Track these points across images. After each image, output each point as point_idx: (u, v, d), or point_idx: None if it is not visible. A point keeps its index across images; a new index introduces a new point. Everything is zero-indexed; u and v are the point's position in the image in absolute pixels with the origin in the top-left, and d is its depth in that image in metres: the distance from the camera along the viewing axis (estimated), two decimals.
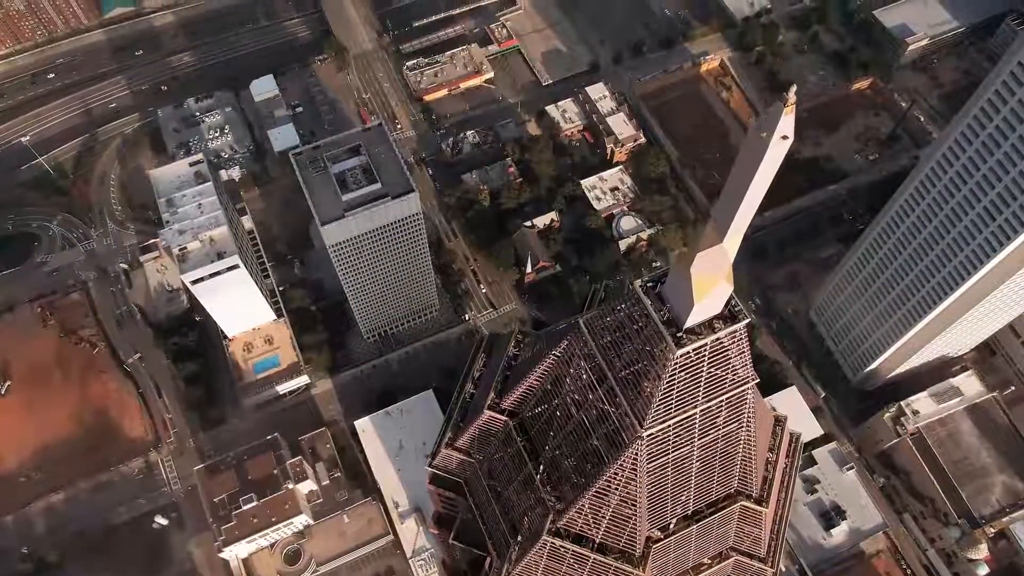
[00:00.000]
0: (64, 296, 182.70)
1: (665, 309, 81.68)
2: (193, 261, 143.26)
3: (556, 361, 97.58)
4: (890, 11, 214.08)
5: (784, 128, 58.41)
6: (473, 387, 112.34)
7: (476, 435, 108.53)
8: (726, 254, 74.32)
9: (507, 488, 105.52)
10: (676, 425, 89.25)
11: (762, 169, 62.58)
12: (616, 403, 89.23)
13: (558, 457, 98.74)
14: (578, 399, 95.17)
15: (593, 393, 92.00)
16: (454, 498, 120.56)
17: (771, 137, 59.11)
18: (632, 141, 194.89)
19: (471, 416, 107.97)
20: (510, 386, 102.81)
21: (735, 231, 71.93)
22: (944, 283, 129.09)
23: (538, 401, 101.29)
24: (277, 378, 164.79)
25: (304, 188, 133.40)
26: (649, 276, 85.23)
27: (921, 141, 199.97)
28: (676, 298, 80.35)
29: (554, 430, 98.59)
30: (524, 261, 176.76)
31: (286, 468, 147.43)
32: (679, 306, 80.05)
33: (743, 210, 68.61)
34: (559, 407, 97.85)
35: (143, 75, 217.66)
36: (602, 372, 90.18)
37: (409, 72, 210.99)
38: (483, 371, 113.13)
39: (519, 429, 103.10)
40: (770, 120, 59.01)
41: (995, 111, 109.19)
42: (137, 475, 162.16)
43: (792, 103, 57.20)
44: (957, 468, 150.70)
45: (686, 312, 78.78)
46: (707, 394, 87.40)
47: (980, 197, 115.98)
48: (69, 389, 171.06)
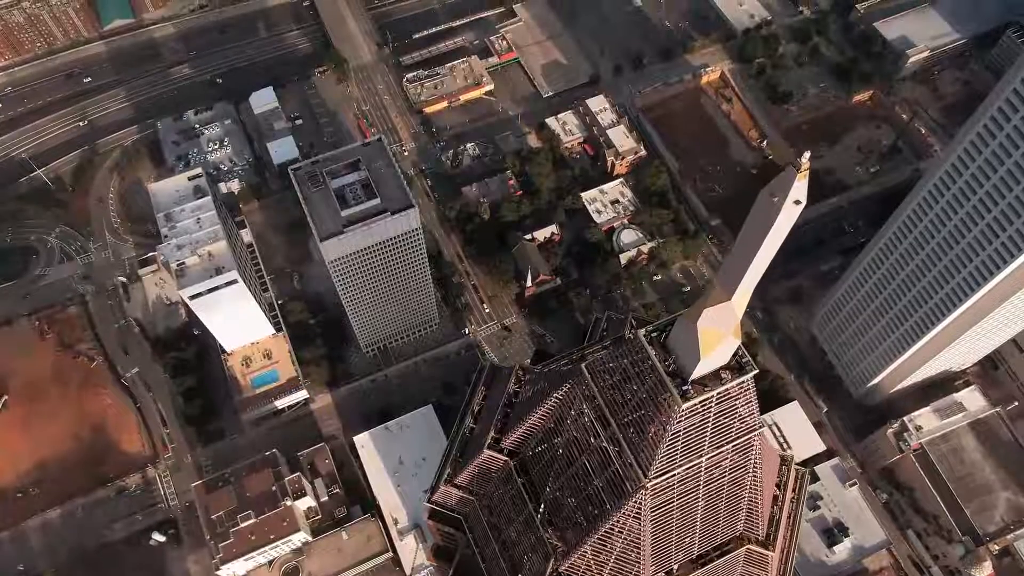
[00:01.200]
0: (62, 310, 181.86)
1: (670, 360, 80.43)
2: (191, 276, 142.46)
3: (558, 403, 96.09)
4: (890, 23, 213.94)
5: (797, 193, 57.63)
6: (473, 421, 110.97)
7: (476, 473, 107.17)
8: (734, 312, 73.52)
9: (507, 527, 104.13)
10: (681, 474, 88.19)
11: (773, 233, 61.83)
12: (619, 450, 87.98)
13: (560, 498, 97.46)
14: (581, 443, 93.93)
15: (596, 438, 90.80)
16: (453, 533, 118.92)
17: (783, 202, 58.17)
18: (633, 154, 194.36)
19: (471, 453, 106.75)
20: (511, 425, 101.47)
21: (744, 291, 71.14)
22: (947, 299, 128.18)
23: (539, 441, 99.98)
24: (276, 393, 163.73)
25: (303, 204, 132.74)
26: (653, 325, 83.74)
27: (922, 153, 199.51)
28: (682, 350, 79.32)
29: (555, 471, 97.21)
30: (524, 274, 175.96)
31: (284, 485, 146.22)
32: (685, 358, 78.99)
33: (752, 271, 67.92)
34: (561, 449, 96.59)
35: (142, 87, 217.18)
36: (605, 417, 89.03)
37: (409, 84, 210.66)
38: (483, 404, 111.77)
39: (520, 468, 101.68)
40: (782, 185, 58.19)
41: (999, 128, 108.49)
42: (134, 491, 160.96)
43: (806, 169, 56.33)
44: (961, 484, 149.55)
45: (692, 364, 77.77)
46: (713, 443, 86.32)
47: (983, 214, 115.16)
48: (66, 404, 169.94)
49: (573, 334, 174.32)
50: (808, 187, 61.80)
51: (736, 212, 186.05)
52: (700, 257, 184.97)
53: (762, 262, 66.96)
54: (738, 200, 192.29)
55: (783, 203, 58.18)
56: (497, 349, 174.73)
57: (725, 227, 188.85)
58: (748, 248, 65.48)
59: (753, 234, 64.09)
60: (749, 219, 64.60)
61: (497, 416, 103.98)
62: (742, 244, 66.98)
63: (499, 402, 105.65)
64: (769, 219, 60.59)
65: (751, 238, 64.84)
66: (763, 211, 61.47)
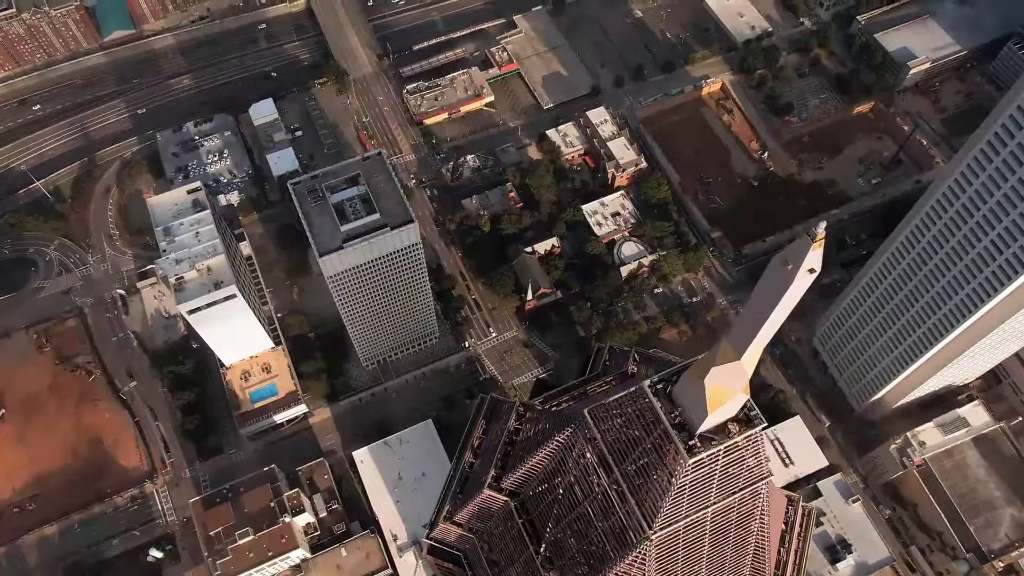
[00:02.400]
0: (60, 322, 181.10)
1: (676, 412, 79.31)
2: (190, 291, 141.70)
3: (560, 447, 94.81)
4: (891, 34, 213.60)
5: (811, 262, 57.04)
6: (472, 456, 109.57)
7: (476, 512, 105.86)
8: (744, 371, 72.84)
9: (509, 567, 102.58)
10: (687, 524, 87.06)
11: (785, 299, 61.08)
12: (623, 498, 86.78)
13: (561, 540, 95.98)
14: (583, 487, 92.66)
15: (599, 484, 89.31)
16: (453, 569, 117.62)
17: (797, 270, 57.44)
18: (633, 166, 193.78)
19: (471, 491, 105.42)
20: (511, 465, 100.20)
21: (754, 351, 70.38)
22: (951, 315, 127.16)
23: (540, 482, 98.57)
24: (274, 407, 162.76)
25: (302, 218, 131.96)
26: (659, 375, 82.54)
27: (924, 165, 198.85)
28: (688, 404, 78.38)
29: (557, 514, 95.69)
30: (525, 287, 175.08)
31: (283, 501, 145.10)
32: (691, 412, 78.04)
33: (763, 334, 67.26)
34: (563, 491, 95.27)
35: (142, 98, 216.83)
36: (608, 464, 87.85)
37: (409, 95, 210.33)
38: (483, 439, 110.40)
39: (520, 508, 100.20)
40: (796, 253, 57.53)
41: (1002, 145, 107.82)
42: (132, 506, 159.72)
43: (821, 239, 55.65)
44: (964, 501, 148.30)
45: (699, 419, 76.87)
46: (720, 493, 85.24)
47: (987, 231, 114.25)
48: (64, 418, 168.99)
49: (574, 348, 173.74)
50: (809, 199, 61.22)
51: (737, 224, 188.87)
52: (701, 270, 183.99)
53: (773, 326, 66.52)
54: (739, 212, 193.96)
55: (797, 271, 57.47)
56: (497, 363, 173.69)
57: (726, 239, 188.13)
58: (759, 312, 64.91)
59: (765, 299, 63.50)
60: (761, 283, 64.14)
61: (497, 455, 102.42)
62: (753, 307, 66.42)
63: (499, 439, 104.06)
64: (782, 286, 59.98)
65: (763, 302, 64.17)
66: (776, 278, 60.81)
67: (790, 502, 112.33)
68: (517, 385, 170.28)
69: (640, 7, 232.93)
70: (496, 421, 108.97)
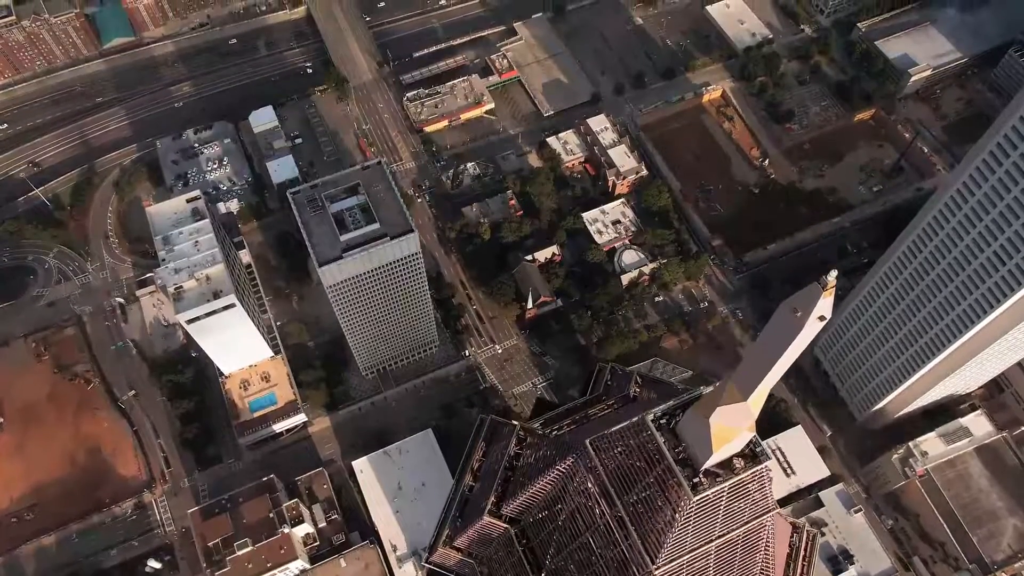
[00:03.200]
0: (59, 331, 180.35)
1: (680, 447, 78.54)
2: (189, 300, 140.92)
3: (561, 476, 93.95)
4: (892, 42, 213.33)
5: (821, 310, 56.68)
6: (472, 479, 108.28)
7: (475, 537, 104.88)
8: (751, 411, 72.40)
9: None
10: (690, 558, 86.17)
11: (794, 346, 60.71)
12: (625, 532, 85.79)
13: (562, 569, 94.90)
14: (585, 518, 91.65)
15: (601, 517, 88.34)
16: None
17: (807, 317, 57.03)
18: (634, 173, 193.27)
19: (470, 516, 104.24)
20: (512, 491, 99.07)
21: (760, 393, 69.99)
22: (955, 325, 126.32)
23: (541, 509, 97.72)
24: (274, 416, 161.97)
25: (302, 228, 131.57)
26: (662, 410, 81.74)
27: (925, 172, 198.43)
28: (693, 440, 77.79)
29: (558, 542, 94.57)
30: (525, 296, 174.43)
31: (282, 511, 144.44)
32: (696, 448, 77.46)
33: (770, 377, 66.95)
34: (564, 521, 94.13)
35: (141, 106, 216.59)
36: (610, 495, 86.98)
37: (409, 103, 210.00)
38: (482, 461, 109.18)
39: (520, 534, 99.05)
40: (806, 301, 57.16)
41: (1004, 156, 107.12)
42: (130, 516, 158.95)
43: (831, 287, 55.23)
44: (967, 511, 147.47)
45: (704, 457, 76.27)
46: (725, 527, 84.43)
47: (991, 241, 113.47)
48: (62, 427, 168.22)
49: (575, 356, 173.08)
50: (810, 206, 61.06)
51: (738, 232, 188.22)
52: (702, 278, 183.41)
53: (781, 369, 66.19)
54: (740, 220, 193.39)
55: (806, 319, 57.07)
56: (498, 371, 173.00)
57: (727, 247, 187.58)
58: (767, 356, 64.60)
59: (773, 343, 63.20)
60: (769, 327, 63.79)
61: (498, 480, 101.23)
62: (760, 351, 66.11)
63: (500, 463, 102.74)
64: (790, 333, 59.72)
65: (770, 347, 63.84)
66: (785, 323, 60.52)
67: (795, 528, 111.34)
68: (517, 394, 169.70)
69: (640, 14, 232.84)
70: (496, 443, 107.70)
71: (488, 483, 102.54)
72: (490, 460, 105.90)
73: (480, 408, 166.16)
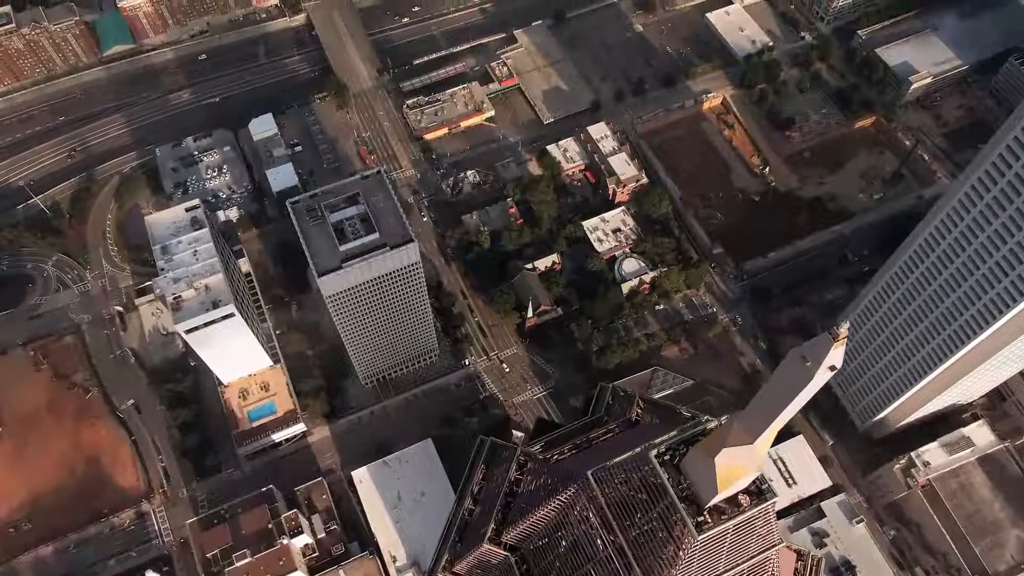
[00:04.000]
0: (57, 339, 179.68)
1: (685, 484, 77.57)
2: (187, 310, 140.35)
3: (562, 505, 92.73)
4: (892, 49, 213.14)
5: (833, 360, 56.44)
6: (472, 502, 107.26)
7: (475, 563, 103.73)
8: (759, 454, 71.88)
9: None
10: None
11: (803, 394, 60.47)
12: (628, 567, 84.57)
13: None
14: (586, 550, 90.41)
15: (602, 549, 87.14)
16: None
17: (817, 367, 56.83)
18: (634, 181, 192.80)
19: (470, 541, 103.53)
20: (512, 518, 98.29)
21: (767, 437, 69.55)
22: (958, 334, 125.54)
23: (541, 537, 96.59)
24: (273, 426, 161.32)
25: (301, 238, 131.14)
26: (666, 444, 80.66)
27: (926, 180, 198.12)
28: (697, 478, 76.94)
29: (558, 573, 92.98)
30: (525, 304, 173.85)
31: (281, 522, 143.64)
32: (700, 487, 76.59)
33: (778, 422, 66.60)
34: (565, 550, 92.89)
35: (141, 113, 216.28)
36: (612, 528, 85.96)
37: (409, 110, 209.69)
38: (483, 485, 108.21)
39: (520, 561, 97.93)
40: (816, 351, 56.92)
41: (1007, 167, 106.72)
42: (128, 527, 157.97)
43: (843, 338, 55.02)
44: (970, 522, 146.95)
45: (709, 495, 75.51)
46: (729, 563, 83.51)
47: (993, 252, 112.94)
48: (60, 436, 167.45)
49: (574, 365, 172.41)
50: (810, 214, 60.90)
51: (739, 240, 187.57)
52: (703, 286, 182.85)
53: (788, 414, 65.82)
54: (740, 228, 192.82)
55: (816, 369, 56.87)
56: (498, 380, 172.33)
57: (727, 255, 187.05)
58: (776, 402, 64.32)
59: (782, 390, 63.11)
60: (778, 374, 63.70)
61: (498, 506, 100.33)
62: (769, 396, 65.92)
63: (500, 488, 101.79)
64: (800, 381, 59.67)
65: (779, 393, 63.69)
66: (794, 372, 60.42)
67: (799, 557, 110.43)
68: (518, 403, 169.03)
69: (640, 21, 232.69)
70: (496, 467, 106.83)
71: (488, 508, 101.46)
72: (490, 484, 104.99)
73: (480, 418, 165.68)
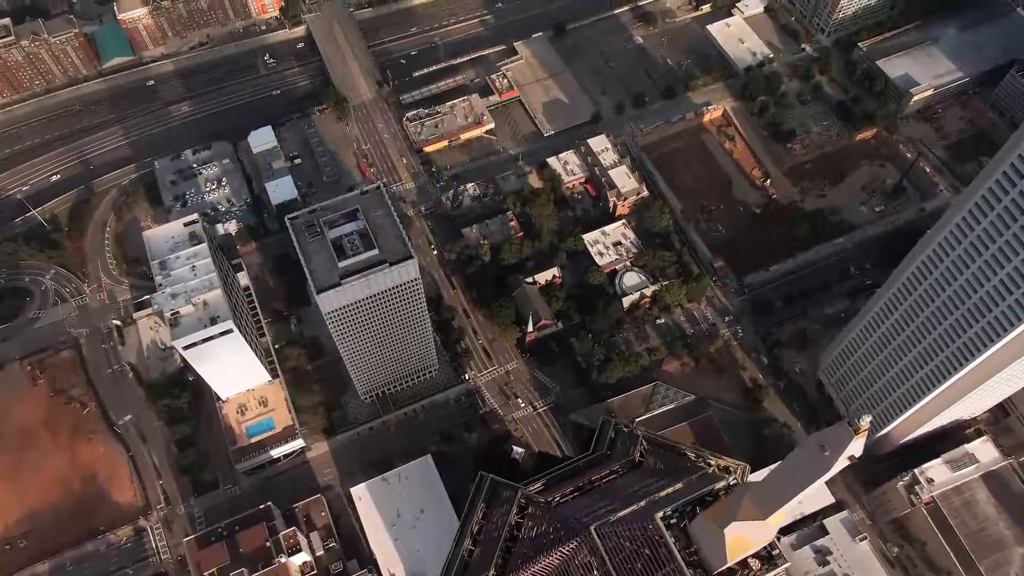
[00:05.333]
0: (55, 354, 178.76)
1: (692, 549, 76.01)
2: (185, 326, 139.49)
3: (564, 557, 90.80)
4: (893, 61, 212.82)
5: (853, 450, 55.75)
6: (471, 542, 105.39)
7: None
8: (770, 529, 70.85)
9: None
10: None
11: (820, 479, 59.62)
12: None
13: None
14: None
15: None
16: None
17: (836, 457, 56.15)
18: (635, 194, 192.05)
19: None
20: (513, 565, 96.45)
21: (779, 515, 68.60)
22: (963, 351, 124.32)
23: None
24: (271, 442, 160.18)
25: (300, 254, 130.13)
26: (672, 507, 78.71)
27: (927, 193, 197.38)
28: (706, 546, 75.41)
29: None
30: (525, 319, 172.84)
31: (279, 540, 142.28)
32: (709, 553, 74.98)
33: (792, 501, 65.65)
34: None
35: (140, 125, 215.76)
36: None
37: (409, 123, 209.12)
38: (483, 525, 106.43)
39: None
40: (835, 441, 56.21)
41: (1011, 185, 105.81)
42: (125, 543, 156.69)
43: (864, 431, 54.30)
44: (974, 540, 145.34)
45: (717, 564, 74.13)
46: None
47: (997, 269, 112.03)
48: (57, 452, 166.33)
49: (575, 380, 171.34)
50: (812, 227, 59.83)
51: (740, 253, 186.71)
52: (704, 300, 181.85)
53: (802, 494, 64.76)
54: (741, 240, 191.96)
55: (836, 459, 56.19)
56: (498, 395, 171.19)
57: (729, 268, 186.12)
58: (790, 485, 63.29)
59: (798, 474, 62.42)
60: (794, 457, 63.09)
61: (498, 551, 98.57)
62: (783, 478, 65.22)
63: (500, 531, 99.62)
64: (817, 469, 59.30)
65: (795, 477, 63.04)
66: (811, 459, 59.67)
67: None
68: (518, 418, 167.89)
69: (641, 33, 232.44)
70: (496, 507, 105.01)
71: (488, 552, 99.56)
72: (490, 524, 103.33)
73: (480, 433, 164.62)
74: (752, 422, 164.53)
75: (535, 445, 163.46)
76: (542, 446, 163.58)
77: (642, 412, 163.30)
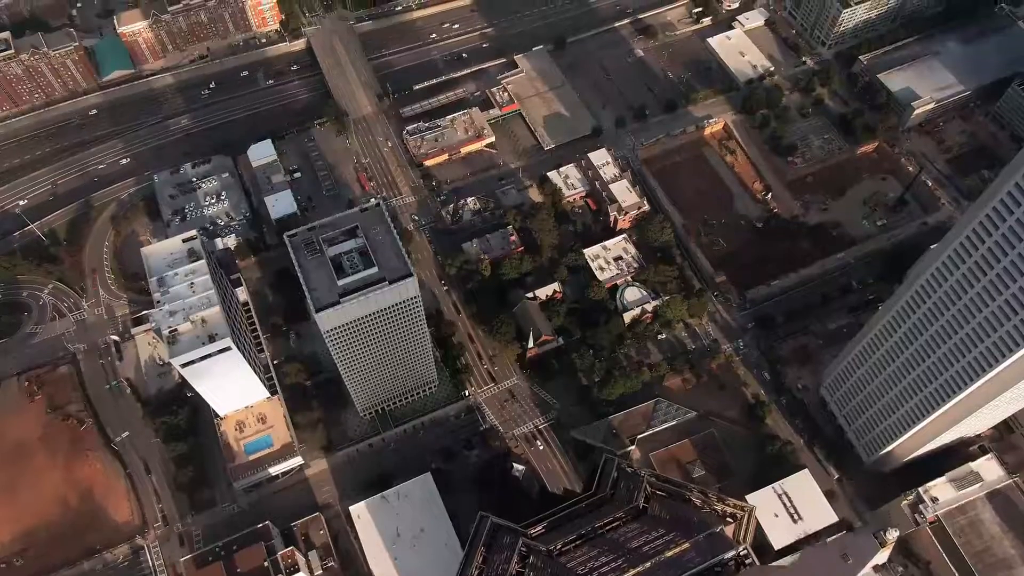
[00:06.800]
0: (53, 369, 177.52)
1: None
2: (183, 343, 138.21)
3: None
4: (894, 74, 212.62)
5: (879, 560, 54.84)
6: None
7: None
8: None
9: None
10: None
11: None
12: None
13: None
14: None
15: None
16: None
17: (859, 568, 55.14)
18: (636, 208, 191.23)
19: None
20: None
21: None
22: (969, 369, 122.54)
23: None
24: (270, 459, 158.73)
25: (298, 272, 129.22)
26: None
27: (929, 206, 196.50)
28: None
29: None
30: (526, 334, 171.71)
31: (277, 560, 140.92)
32: None
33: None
34: None
35: (140, 139, 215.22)
36: None
37: (409, 136, 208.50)
38: (483, 569, 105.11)
39: None
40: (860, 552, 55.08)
41: (1015, 205, 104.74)
42: (122, 563, 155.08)
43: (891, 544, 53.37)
44: (979, 559, 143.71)
45: None
46: None
47: (1001, 290, 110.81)
48: (54, 469, 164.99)
49: (576, 396, 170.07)
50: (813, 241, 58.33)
51: (741, 267, 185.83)
52: (705, 315, 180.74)
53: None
54: (743, 255, 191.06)
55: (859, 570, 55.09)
56: (498, 412, 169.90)
57: (730, 284, 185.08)
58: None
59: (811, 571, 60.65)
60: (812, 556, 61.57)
61: None
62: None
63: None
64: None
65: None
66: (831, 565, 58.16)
67: None
68: (518, 435, 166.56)
69: (641, 46, 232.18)
70: (497, 553, 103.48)
71: None
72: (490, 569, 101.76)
73: (480, 450, 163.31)
74: (754, 439, 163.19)
75: (535, 462, 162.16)
76: (542, 464, 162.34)
77: (643, 429, 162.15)
